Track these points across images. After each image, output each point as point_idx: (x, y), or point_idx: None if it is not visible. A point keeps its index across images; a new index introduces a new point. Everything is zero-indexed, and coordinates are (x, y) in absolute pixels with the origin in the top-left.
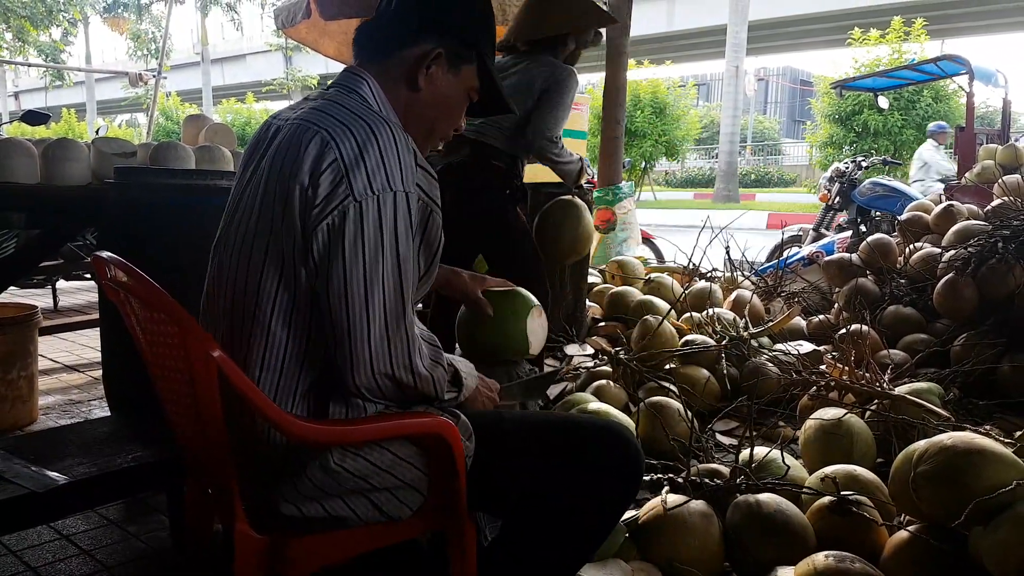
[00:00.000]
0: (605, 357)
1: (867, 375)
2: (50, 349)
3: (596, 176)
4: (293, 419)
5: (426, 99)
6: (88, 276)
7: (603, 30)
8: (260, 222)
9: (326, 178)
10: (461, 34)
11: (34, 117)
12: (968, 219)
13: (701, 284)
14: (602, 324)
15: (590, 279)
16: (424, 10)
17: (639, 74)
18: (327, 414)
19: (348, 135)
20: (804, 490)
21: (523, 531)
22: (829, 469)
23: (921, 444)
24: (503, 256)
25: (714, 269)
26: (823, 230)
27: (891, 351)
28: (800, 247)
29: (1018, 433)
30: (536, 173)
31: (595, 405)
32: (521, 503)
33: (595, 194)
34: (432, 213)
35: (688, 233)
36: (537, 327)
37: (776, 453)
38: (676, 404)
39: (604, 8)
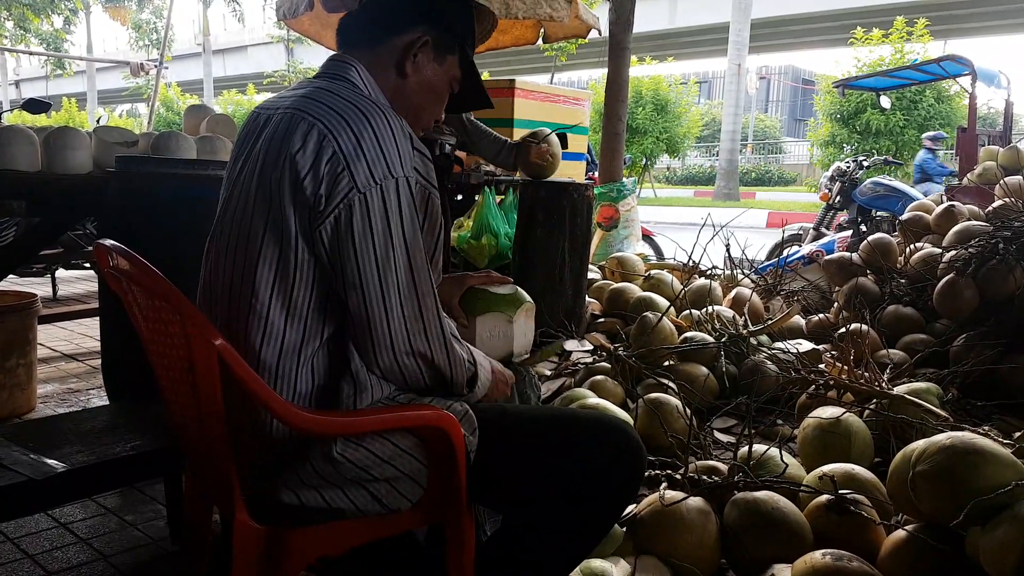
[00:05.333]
0: (604, 353)
1: (866, 374)
2: (49, 338)
3: (597, 172)
4: (295, 409)
5: (412, 86)
6: (87, 265)
7: (605, 27)
8: (256, 210)
9: (327, 172)
10: (447, 23)
11: (35, 105)
12: (969, 220)
13: (701, 281)
14: (601, 320)
15: (590, 275)
16: None
17: (641, 71)
18: (331, 397)
19: (344, 125)
20: (802, 488)
21: (523, 525)
22: (827, 468)
23: (920, 444)
24: None
25: (714, 267)
26: (823, 229)
27: (890, 351)
28: (800, 246)
29: (1017, 434)
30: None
31: (593, 401)
32: (521, 497)
33: (597, 191)
34: (431, 195)
35: (688, 230)
36: (519, 329)
37: (774, 451)
38: (674, 401)
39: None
